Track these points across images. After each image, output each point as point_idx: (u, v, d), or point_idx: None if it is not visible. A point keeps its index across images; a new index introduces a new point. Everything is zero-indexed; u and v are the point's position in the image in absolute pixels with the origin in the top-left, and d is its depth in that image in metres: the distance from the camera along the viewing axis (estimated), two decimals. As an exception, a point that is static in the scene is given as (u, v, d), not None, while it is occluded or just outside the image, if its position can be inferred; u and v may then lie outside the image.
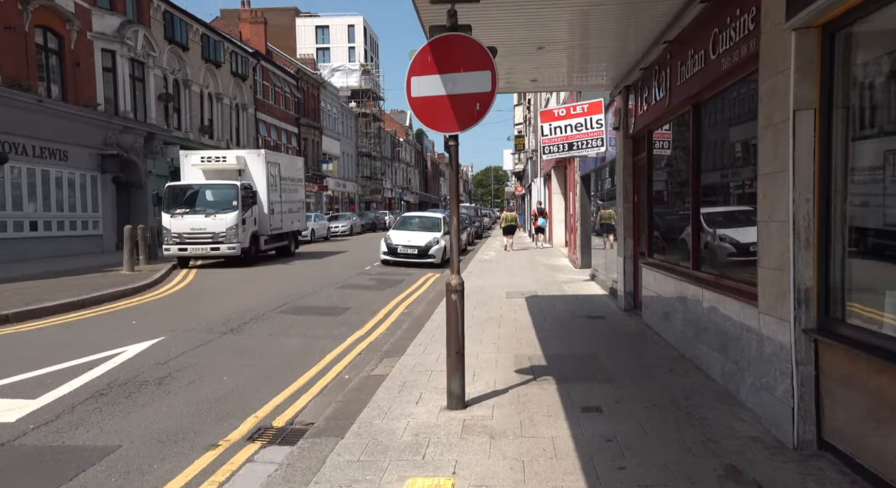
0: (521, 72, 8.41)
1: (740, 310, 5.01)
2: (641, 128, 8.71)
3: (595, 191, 14.37)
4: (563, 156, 13.20)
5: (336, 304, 11.21)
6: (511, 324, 8.88)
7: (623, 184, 9.75)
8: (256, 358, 7.31)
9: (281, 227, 19.85)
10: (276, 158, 19.96)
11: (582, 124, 12.06)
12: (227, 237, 16.59)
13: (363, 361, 7.11)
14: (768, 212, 4.34)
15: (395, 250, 18.39)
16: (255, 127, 36.68)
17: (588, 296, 11.62)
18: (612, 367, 6.33)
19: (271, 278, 15.15)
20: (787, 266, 4.04)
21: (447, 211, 36.76)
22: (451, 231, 5.23)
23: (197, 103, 29.77)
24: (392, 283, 14.52)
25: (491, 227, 49.15)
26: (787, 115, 4.01)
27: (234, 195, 16.81)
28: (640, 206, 9.38)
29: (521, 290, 12.47)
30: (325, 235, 33.46)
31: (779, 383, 4.17)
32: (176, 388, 6.02)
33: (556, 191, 25.21)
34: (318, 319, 9.75)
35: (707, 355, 5.88)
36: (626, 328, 8.42)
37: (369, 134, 64.34)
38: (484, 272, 16.20)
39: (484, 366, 6.52)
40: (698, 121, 6.50)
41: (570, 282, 13.86)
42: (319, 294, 12.45)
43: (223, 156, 17.87)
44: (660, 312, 7.74)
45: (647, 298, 8.44)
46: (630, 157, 9.68)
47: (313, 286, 13.57)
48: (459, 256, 5.24)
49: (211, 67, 30.96)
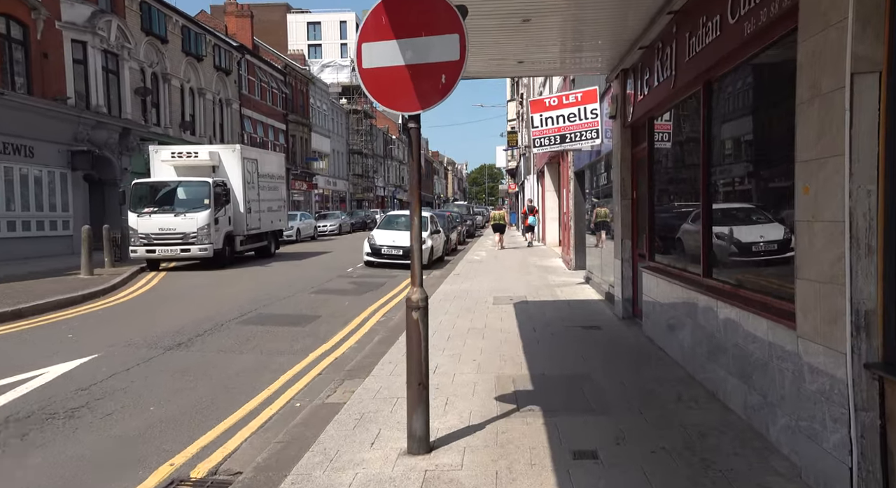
0: (505, 51, 7.42)
1: (769, 331, 4.04)
2: (641, 115, 7.74)
3: (590, 188, 13.41)
4: (555, 150, 12.23)
5: (306, 312, 10.21)
6: (496, 335, 7.91)
7: (620, 178, 8.79)
8: (198, 380, 6.31)
9: (259, 227, 18.83)
10: (254, 154, 18.92)
11: (575, 114, 11.10)
12: (198, 237, 15.56)
13: (322, 383, 6.12)
14: (812, 209, 3.37)
15: (379, 251, 17.40)
16: (239, 123, 35.59)
17: (582, 301, 10.66)
18: (610, 392, 5.36)
19: (243, 282, 14.13)
20: (841, 279, 3.08)
21: (438, 209, 35.68)
22: (411, 235, 4.25)
23: (177, 98, 28.68)
24: (372, 287, 13.53)
25: (484, 226, 48.14)
26: (842, 81, 3.04)
27: (205, 193, 15.78)
28: (640, 203, 8.42)
29: (510, 295, 11.50)
30: (311, 235, 32.44)
31: (829, 431, 3.21)
32: (87, 423, 5.02)
33: (549, 189, 24.26)
34: (282, 331, 8.75)
35: (724, 381, 4.92)
36: (625, 341, 7.46)
37: (360, 131, 63.25)
38: (472, 274, 15.22)
39: (460, 390, 5.54)
40: (710, 102, 5.53)
41: (563, 285, 12.90)
42: (291, 300, 11.45)
43: (195, 151, 16.82)
44: (663, 324, 6.77)
45: (648, 306, 7.49)
46: (628, 149, 8.72)
47: (286, 291, 12.57)
48: (422, 265, 4.26)
49: (192, 61, 29.86)
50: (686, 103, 6.31)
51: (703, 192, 5.62)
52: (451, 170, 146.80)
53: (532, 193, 29.61)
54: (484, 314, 9.52)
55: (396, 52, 4.09)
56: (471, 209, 46.52)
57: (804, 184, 3.46)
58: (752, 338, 4.33)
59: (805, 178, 3.45)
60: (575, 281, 13.54)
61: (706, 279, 5.55)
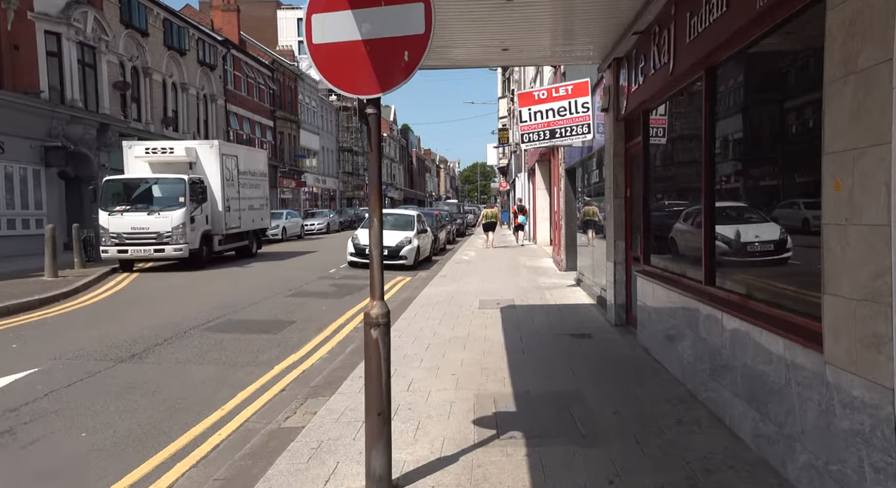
0: (488, 36, 6.82)
1: (786, 351, 3.47)
2: (636, 107, 7.16)
3: (582, 186, 12.83)
4: (544, 146, 11.65)
5: (279, 317, 9.58)
6: (479, 344, 7.32)
7: (613, 175, 8.21)
8: (146, 398, 5.68)
9: (239, 226, 18.15)
10: (234, 150, 18.24)
11: (566, 108, 10.50)
12: (172, 237, 14.88)
13: (284, 401, 5.51)
14: (845, 210, 2.79)
15: (364, 251, 16.71)
16: (225, 119, 34.82)
17: (573, 305, 10.08)
18: (602, 415, 4.77)
19: (218, 283, 13.47)
20: (885, 297, 2.50)
21: (428, 207, 34.96)
22: (370, 240, 3.64)
23: (159, 93, 27.91)
24: (354, 289, 12.91)
25: (475, 225, 47.54)
26: (888, 52, 2.46)
27: (180, 190, 15.09)
28: (634, 202, 7.85)
29: (497, 298, 10.91)
30: (298, 234, 31.75)
31: (869, 483, 2.63)
32: (4, 456, 4.38)
33: (540, 187, 23.70)
34: (250, 339, 8.12)
35: (730, 404, 4.34)
36: (618, 352, 6.88)
37: (351, 128, 62.49)
38: (459, 275, 14.62)
39: (435, 412, 4.94)
40: (713, 89, 4.96)
41: (553, 287, 12.32)
42: (265, 304, 10.81)
43: (170, 147, 16.12)
44: (660, 334, 6.20)
45: (643, 314, 6.91)
46: (621, 144, 8.14)
47: (262, 293, 11.93)
48: (383, 272, 3.65)
49: (175, 55, 29.08)
50: (685, 92, 5.74)
51: (705, 190, 5.04)
52: (444, 168, 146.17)
53: (523, 192, 29.06)
54: (468, 320, 8.93)
55: (352, 25, 3.48)
56: (461, 207, 45.86)
57: (834, 178, 2.88)
58: (764, 358, 3.76)
59: (835, 172, 2.87)
60: (565, 283, 12.97)
61: (708, 287, 4.98)
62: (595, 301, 10.24)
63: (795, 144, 3.76)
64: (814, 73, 3.15)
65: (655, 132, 6.91)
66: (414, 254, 16.90)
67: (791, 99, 3.88)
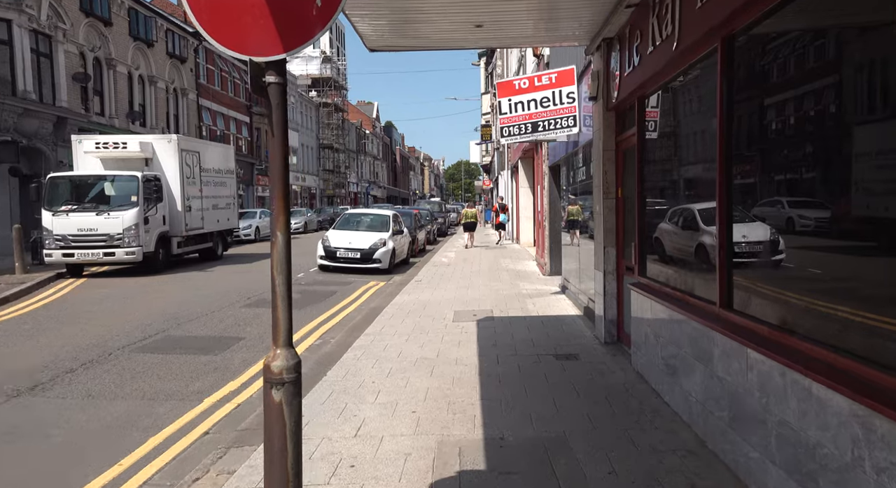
0: (457, 8, 5.77)
1: (855, 419, 2.48)
2: (629, 93, 6.17)
3: (567, 185, 11.85)
4: (525, 141, 10.65)
5: (226, 333, 8.48)
6: (449, 368, 6.30)
7: (603, 172, 7.22)
8: (28, 449, 4.58)
9: (202, 227, 16.95)
10: (195, 145, 17.02)
11: (549, 99, 9.49)
12: (124, 239, 13.67)
13: (200, 452, 4.44)
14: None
15: (334, 254, 15.67)
16: (197, 114, 33.44)
17: (557, 318, 9.08)
18: (594, 476, 3.77)
19: (170, 291, 12.31)
20: None
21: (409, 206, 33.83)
22: (272, 260, 2.60)
23: (124, 86, 26.50)
24: (320, 297, 11.83)
25: (458, 224, 46.51)
26: None
27: (133, 189, 13.88)
28: (628, 203, 6.86)
29: (474, 309, 9.89)
30: (273, 233, 30.44)
31: None
32: None
33: (523, 185, 22.75)
34: (185, 361, 7.03)
35: (761, 469, 3.35)
36: (610, 379, 5.88)
37: (331, 125, 61.11)
38: (435, 281, 13.59)
39: (383, 471, 3.91)
40: (731, 64, 3.96)
41: (536, 295, 11.33)
42: (216, 315, 9.70)
43: (123, 141, 14.86)
44: (660, 361, 5.21)
45: (638, 334, 5.93)
46: (612, 137, 7.15)
47: (217, 302, 10.81)
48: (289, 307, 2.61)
49: (141, 46, 27.68)
50: (693, 70, 4.75)
51: (720, 189, 4.06)
52: (428, 166, 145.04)
53: (506, 190, 28.11)
54: (440, 336, 7.90)
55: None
56: (443, 206, 44.81)
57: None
58: (815, 420, 2.77)
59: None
60: (549, 289, 11.99)
61: (725, 311, 3.99)
62: (581, 312, 9.26)
63: (848, 126, 2.77)
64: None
65: (653, 122, 5.92)
66: (389, 256, 15.83)
67: (852, 68, 2.89)
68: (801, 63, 3.38)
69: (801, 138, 3.41)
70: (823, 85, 3.14)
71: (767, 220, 3.71)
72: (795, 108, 3.44)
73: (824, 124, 3.14)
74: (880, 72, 2.66)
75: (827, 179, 3.15)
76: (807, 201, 3.36)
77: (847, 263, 3.02)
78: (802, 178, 3.44)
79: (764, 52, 3.74)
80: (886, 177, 2.57)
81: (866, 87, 2.76)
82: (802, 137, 3.38)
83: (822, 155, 3.18)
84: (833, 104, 3.05)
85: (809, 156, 3.33)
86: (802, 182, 3.43)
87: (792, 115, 3.49)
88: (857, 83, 2.83)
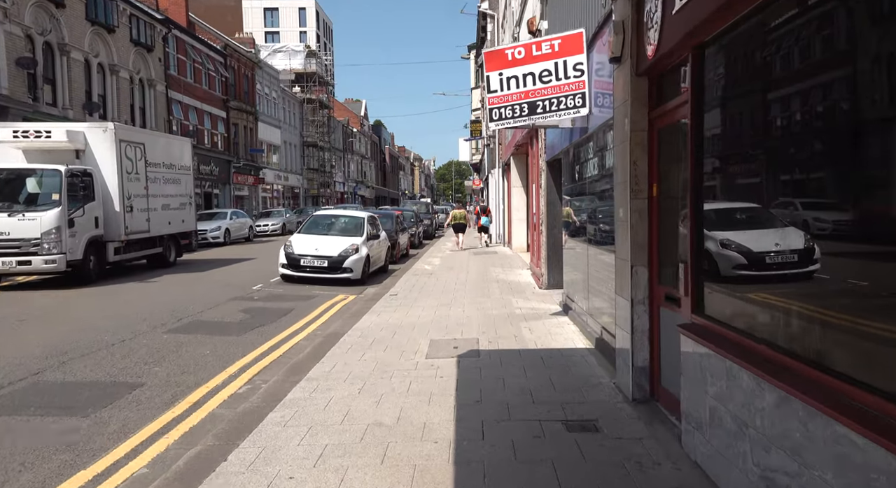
0: None
1: None
2: (679, 42, 4.13)
3: (569, 182, 9.78)
4: (520, 126, 8.58)
5: (122, 376, 6.38)
6: (410, 448, 4.25)
7: (630, 163, 5.18)
8: None
9: (148, 230, 14.79)
10: (139, 136, 14.84)
11: (551, 72, 7.45)
12: (42, 245, 11.51)
13: None
14: None
15: (298, 262, 13.55)
16: (166, 107, 31.19)
17: (562, 352, 7.03)
18: None
19: (84, 310, 10.14)
20: None
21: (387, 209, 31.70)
22: None
23: (80, 74, 24.24)
24: (272, 316, 9.75)
25: (446, 226, 44.43)
26: None
27: (55, 185, 11.73)
28: (666, 205, 4.84)
29: (456, 336, 7.85)
30: (245, 236, 28.32)
31: None
32: None
33: (515, 184, 20.72)
34: (33, 428, 4.92)
35: None
36: (654, 478, 3.83)
37: (316, 122, 58.84)
38: (413, 294, 11.52)
39: None
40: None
41: (533, 317, 9.29)
42: (123, 346, 7.59)
43: (47, 130, 12.67)
44: (752, 472, 3.16)
45: (698, 405, 3.89)
46: (643, 112, 5.12)
47: (134, 326, 8.70)
48: None
49: (100, 31, 25.44)
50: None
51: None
52: (418, 165, 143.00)
53: (497, 190, 26.12)
54: (406, 382, 5.85)
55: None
56: (430, 207, 42.70)
57: None
58: None
59: None
60: (548, 308, 9.96)
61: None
62: (592, 344, 7.23)
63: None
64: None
65: (723, 79, 3.88)
66: (362, 265, 13.74)
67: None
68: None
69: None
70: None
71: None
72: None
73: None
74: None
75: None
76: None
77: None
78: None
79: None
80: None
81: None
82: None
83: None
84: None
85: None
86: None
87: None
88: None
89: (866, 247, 2.58)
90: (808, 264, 2.96)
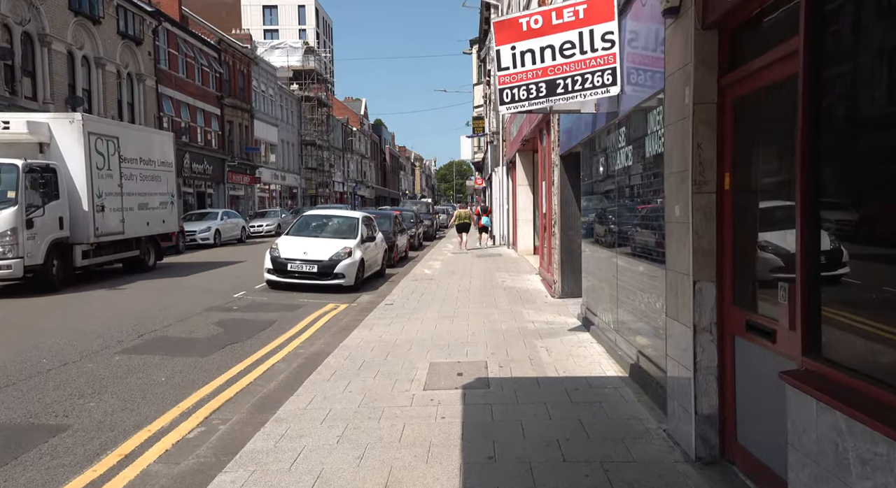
0: None
1: None
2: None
3: (590, 176, 8.50)
4: (536, 110, 7.32)
5: (45, 416, 5.13)
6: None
7: (693, 146, 3.92)
8: None
9: (122, 232, 13.55)
10: (111, 129, 13.59)
11: (574, 44, 6.24)
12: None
13: None
14: None
15: (285, 267, 12.31)
16: (156, 102, 29.96)
17: (589, 383, 5.77)
18: None
19: (29, 324, 8.89)
20: None
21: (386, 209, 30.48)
22: None
23: (62, 67, 23.01)
24: (250, 330, 8.52)
25: (448, 226, 43.14)
26: None
27: (11, 182, 10.50)
28: (742, 201, 3.59)
29: (460, 359, 6.61)
30: (238, 237, 27.09)
31: None
32: None
33: (521, 183, 19.50)
34: None
35: None
36: None
37: (315, 120, 57.59)
38: (411, 304, 10.27)
39: None
40: None
41: (549, 333, 8.03)
42: (61, 371, 6.34)
43: (4, 121, 11.45)
44: None
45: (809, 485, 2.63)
46: (712, 79, 3.86)
47: (85, 344, 7.46)
48: None
49: (84, 23, 24.22)
50: None
51: None
52: (419, 166, 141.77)
53: (501, 189, 24.87)
54: (397, 428, 4.60)
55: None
56: (430, 207, 41.43)
57: None
58: None
59: None
60: (565, 322, 8.70)
61: None
62: (626, 371, 5.98)
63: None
64: None
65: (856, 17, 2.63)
66: (355, 270, 12.50)
67: None
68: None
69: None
70: None
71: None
72: None
73: None
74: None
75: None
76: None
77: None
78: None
79: None
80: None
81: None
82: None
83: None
84: None
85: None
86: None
87: None
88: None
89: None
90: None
